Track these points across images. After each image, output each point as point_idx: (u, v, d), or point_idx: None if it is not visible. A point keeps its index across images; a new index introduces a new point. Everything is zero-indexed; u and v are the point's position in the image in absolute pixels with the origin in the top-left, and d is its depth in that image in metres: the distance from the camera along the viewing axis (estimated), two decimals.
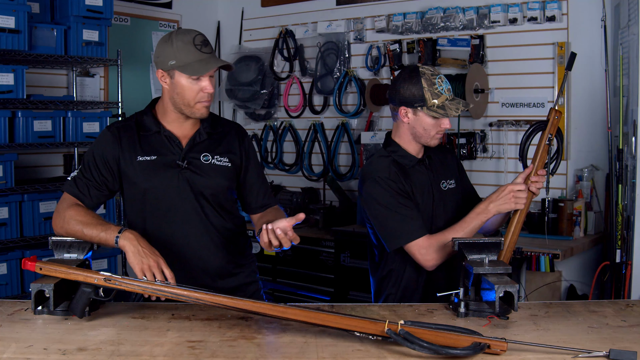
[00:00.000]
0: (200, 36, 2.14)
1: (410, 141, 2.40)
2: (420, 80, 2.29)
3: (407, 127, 2.37)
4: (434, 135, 2.35)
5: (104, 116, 4.28)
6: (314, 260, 4.47)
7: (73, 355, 1.56)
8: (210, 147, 2.25)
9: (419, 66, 2.34)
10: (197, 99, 2.14)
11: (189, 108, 2.16)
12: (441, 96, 2.29)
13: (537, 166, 2.31)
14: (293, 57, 5.23)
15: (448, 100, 2.31)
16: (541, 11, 4.08)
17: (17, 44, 3.72)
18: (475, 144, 4.36)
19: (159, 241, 2.10)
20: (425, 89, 2.28)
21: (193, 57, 2.10)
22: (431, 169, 2.44)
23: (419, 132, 2.35)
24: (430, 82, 2.29)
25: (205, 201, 2.23)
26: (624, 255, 3.22)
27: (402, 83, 2.33)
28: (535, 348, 1.57)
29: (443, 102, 2.30)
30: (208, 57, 2.12)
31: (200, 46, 2.11)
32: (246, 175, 2.33)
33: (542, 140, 2.34)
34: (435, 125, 2.33)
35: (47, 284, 1.80)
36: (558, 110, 2.38)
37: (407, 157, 2.40)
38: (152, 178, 2.19)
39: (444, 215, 2.41)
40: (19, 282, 3.80)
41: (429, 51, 4.49)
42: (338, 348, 1.61)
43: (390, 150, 2.41)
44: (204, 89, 2.13)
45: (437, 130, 2.34)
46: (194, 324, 1.81)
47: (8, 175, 3.72)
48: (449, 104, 2.30)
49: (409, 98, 2.31)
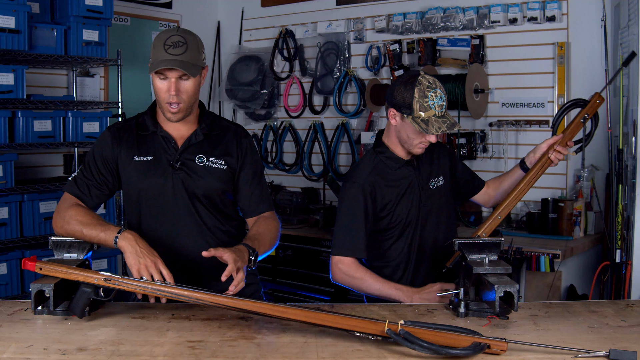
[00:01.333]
0: (175, 37, 2.10)
1: (397, 144, 2.42)
2: (414, 89, 2.27)
3: (394, 130, 2.39)
4: (417, 144, 2.34)
5: (104, 116, 4.28)
6: (314, 260, 4.46)
7: (73, 355, 1.56)
8: (206, 149, 2.24)
9: (420, 74, 2.32)
10: (165, 100, 2.13)
11: (161, 108, 2.17)
12: (429, 111, 2.26)
13: (565, 137, 2.39)
14: (293, 57, 5.23)
15: (436, 116, 2.27)
16: (541, 11, 4.08)
17: (17, 44, 3.72)
18: (475, 144, 4.36)
19: (154, 241, 2.10)
20: (415, 99, 2.26)
21: (158, 57, 2.10)
22: (419, 169, 2.45)
23: (403, 137, 2.37)
24: (422, 94, 2.26)
25: (199, 203, 2.22)
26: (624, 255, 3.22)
27: (398, 86, 2.33)
28: (535, 348, 1.57)
29: (429, 116, 2.26)
30: (168, 59, 2.08)
31: (169, 47, 2.09)
32: (239, 178, 2.29)
33: (578, 117, 2.42)
34: (419, 135, 2.32)
35: (47, 284, 1.80)
36: (601, 96, 2.44)
37: (393, 159, 2.42)
38: (146, 178, 2.19)
39: (435, 213, 2.44)
40: (19, 282, 3.79)
41: (429, 51, 4.49)
42: (338, 348, 1.61)
43: (378, 151, 2.44)
44: (167, 90, 2.11)
45: (420, 140, 2.33)
46: (194, 324, 1.81)
47: (8, 175, 3.72)
48: (434, 120, 2.26)
49: (399, 102, 2.31)
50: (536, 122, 4.16)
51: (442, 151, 2.58)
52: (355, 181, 2.39)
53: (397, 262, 2.42)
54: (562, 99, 4.05)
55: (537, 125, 4.15)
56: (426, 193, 2.43)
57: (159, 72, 2.09)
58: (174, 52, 2.09)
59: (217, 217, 2.25)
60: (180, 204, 2.20)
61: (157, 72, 2.09)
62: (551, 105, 4.12)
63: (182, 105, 2.13)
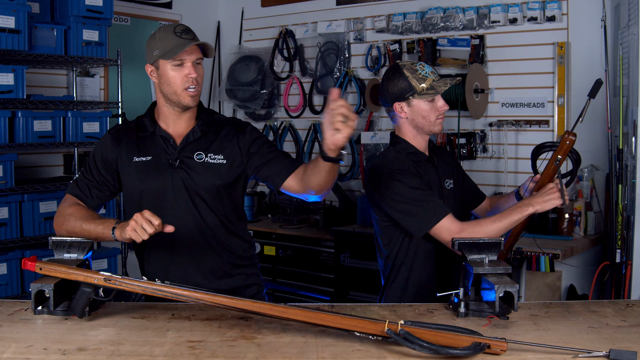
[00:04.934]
0: (181, 26, 2.18)
1: (415, 136, 2.41)
2: (403, 72, 2.34)
3: (408, 122, 2.39)
4: (435, 120, 2.37)
5: (104, 116, 4.28)
6: (314, 260, 4.47)
7: (73, 355, 1.56)
8: (204, 145, 2.24)
9: (398, 62, 2.40)
10: (183, 86, 2.16)
11: (177, 96, 2.18)
12: (427, 79, 2.33)
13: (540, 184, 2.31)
14: (293, 57, 5.23)
15: (435, 80, 2.34)
16: (541, 11, 4.08)
17: (17, 44, 3.72)
18: (475, 144, 4.36)
19: (155, 240, 2.10)
20: (409, 78, 2.32)
21: (172, 43, 2.13)
22: (437, 167, 2.45)
23: (419, 122, 2.37)
24: (412, 70, 2.33)
25: (200, 200, 2.22)
26: (624, 255, 3.23)
27: (387, 82, 2.37)
28: (535, 348, 1.57)
29: (430, 83, 2.33)
30: (186, 41, 2.14)
31: (180, 33, 2.14)
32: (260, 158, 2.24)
33: (551, 161, 2.33)
34: (432, 109, 2.35)
35: (47, 284, 1.80)
36: (572, 133, 2.33)
37: (417, 153, 2.42)
38: (147, 178, 2.21)
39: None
40: (19, 282, 3.80)
41: (429, 51, 4.49)
42: (338, 348, 1.61)
43: (400, 148, 2.42)
44: (188, 74, 2.15)
45: (436, 115, 2.36)
46: (194, 324, 1.81)
47: (8, 175, 3.72)
48: (436, 83, 2.34)
49: (399, 92, 2.34)
50: (536, 122, 4.16)
51: (451, 157, 2.63)
52: (397, 168, 2.32)
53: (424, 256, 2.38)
54: (562, 99, 4.06)
55: (537, 125, 4.15)
56: (443, 192, 2.44)
57: (174, 59, 2.13)
58: (187, 36, 2.15)
59: (218, 214, 2.25)
60: (181, 203, 2.20)
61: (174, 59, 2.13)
62: (551, 105, 4.12)
63: (198, 87, 2.19)
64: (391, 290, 2.44)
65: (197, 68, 2.17)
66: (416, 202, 2.28)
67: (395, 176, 2.32)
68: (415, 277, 2.41)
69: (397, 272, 2.43)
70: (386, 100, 2.40)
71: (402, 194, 2.30)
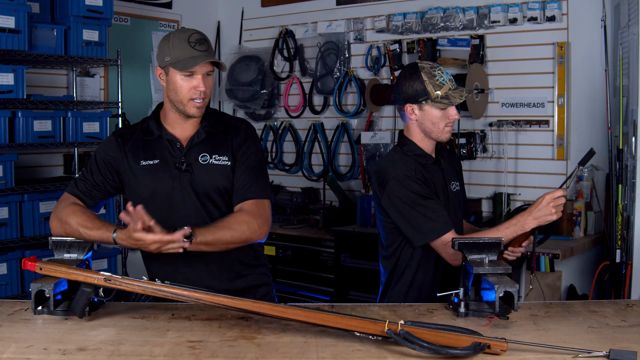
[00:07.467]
0: (196, 34, 2.16)
1: (423, 139, 2.39)
2: (420, 75, 2.30)
3: (417, 124, 2.37)
4: (443, 128, 2.34)
5: (104, 116, 4.28)
6: (314, 260, 4.47)
7: (73, 355, 1.56)
8: (209, 147, 2.23)
9: (417, 62, 2.35)
10: (189, 97, 2.15)
11: (182, 106, 2.17)
12: (443, 87, 2.29)
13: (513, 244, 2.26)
14: (293, 57, 5.23)
15: (451, 89, 2.30)
16: (541, 11, 4.08)
17: (17, 44, 3.72)
18: (475, 144, 4.36)
19: None
20: (426, 82, 2.29)
21: (185, 54, 2.12)
22: (444, 170, 2.44)
23: (428, 127, 2.34)
24: (430, 75, 2.29)
25: (208, 201, 2.21)
26: (624, 255, 3.23)
27: (403, 81, 2.33)
28: (535, 348, 1.57)
29: (446, 92, 2.29)
30: (200, 55, 2.12)
31: (195, 44, 2.13)
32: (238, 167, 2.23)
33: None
34: (443, 117, 2.32)
35: (47, 284, 1.80)
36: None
37: (424, 156, 2.39)
38: (154, 182, 2.20)
39: (452, 215, 2.40)
40: (19, 282, 3.80)
41: (429, 51, 4.49)
42: (338, 348, 1.61)
43: (407, 150, 2.40)
44: (196, 87, 2.14)
45: (445, 123, 2.33)
46: (194, 324, 1.81)
47: (8, 175, 3.72)
48: (452, 93, 2.29)
49: (413, 94, 2.31)
50: (536, 122, 4.16)
51: (458, 161, 2.61)
52: (405, 174, 2.30)
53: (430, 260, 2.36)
54: (562, 99, 4.05)
55: (537, 125, 4.15)
56: (449, 193, 2.43)
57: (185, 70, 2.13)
58: (202, 48, 2.14)
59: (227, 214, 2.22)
60: (190, 205, 2.20)
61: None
62: (551, 105, 4.12)
63: (206, 99, 2.18)
64: (394, 292, 2.43)
65: (206, 80, 2.16)
66: (420, 210, 2.26)
67: (402, 181, 2.30)
68: (419, 280, 2.39)
69: (401, 274, 2.41)
70: (398, 99, 2.37)
71: (406, 201, 2.28)
